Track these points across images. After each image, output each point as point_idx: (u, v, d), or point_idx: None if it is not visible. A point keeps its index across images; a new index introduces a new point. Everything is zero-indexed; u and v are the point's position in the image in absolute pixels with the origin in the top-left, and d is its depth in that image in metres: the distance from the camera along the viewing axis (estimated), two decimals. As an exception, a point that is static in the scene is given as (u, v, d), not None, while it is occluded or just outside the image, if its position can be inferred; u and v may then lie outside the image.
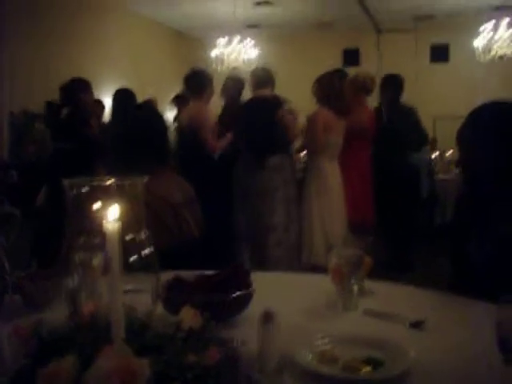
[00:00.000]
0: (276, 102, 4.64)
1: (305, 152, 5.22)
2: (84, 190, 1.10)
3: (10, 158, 8.27)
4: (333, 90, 4.54)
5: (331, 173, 4.58)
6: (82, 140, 4.74)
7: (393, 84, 5.70)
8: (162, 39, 12.42)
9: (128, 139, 2.34)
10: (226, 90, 5.50)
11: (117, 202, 0.99)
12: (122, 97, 5.20)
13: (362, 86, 5.02)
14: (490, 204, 1.85)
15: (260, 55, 10.57)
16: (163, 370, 0.90)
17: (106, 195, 1.06)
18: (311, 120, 4.62)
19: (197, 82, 4.91)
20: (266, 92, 4.73)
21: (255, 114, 4.59)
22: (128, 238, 1.09)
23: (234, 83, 5.52)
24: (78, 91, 4.78)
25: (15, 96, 8.32)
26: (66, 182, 1.09)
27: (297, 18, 11.77)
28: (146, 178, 1.11)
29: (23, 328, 1.03)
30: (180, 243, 2.18)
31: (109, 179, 1.09)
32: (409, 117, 5.78)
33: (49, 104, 5.94)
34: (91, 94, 4.95)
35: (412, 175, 6.06)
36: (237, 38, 10.59)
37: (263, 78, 4.78)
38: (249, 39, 10.72)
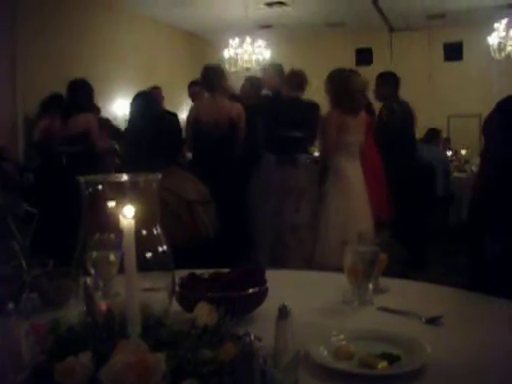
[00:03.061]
0: (309, 102, 4.70)
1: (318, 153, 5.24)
2: (99, 187, 1.10)
3: (25, 160, 8.34)
4: (344, 88, 4.53)
5: (352, 173, 4.54)
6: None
7: (392, 81, 5.75)
8: (174, 41, 12.46)
9: (143, 139, 2.36)
10: (243, 91, 5.53)
11: (132, 198, 0.99)
12: (142, 100, 5.23)
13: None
14: (508, 197, 1.84)
15: (273, 55, 10.58)
16: (179, 365, 0.91)
17: (121, 192, 1.06)
18: (324, 122, 4.61)
19: (214, 76, 4.83)
20: (297, 93, 4.78)
21: (288, 112, 4.62)
22: (143, 235, 1.10)
23: (250, 84, 5.55)
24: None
25: (28, 100, 8.39)
26: (81, 180, 1.10)
27: (309, 18, 11.76)
28: (159, 175, 1.12)
29: (41, 326, 1.03)
30: (195, 241, 2.19)
31: (123, 176, 1.10)
32: (411, 112, 5.83)
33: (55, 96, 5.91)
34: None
35: (426, 173, 6.05)
36: (249, 39, 10.60)
37: (296, 80, 4.81)
38: (260, 40, 10.73)
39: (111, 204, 1.08)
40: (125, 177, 1.10)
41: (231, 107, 4.68)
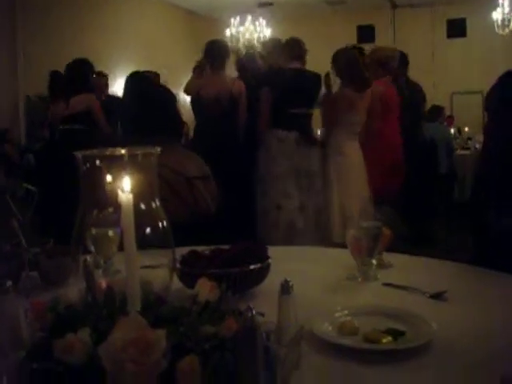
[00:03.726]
0: (314, 74, 4.63)
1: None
2: (97, 162, 1.08)
3: (27, 141, 8.33)
4: (353, 64, 4.47)
5: (352, 151, 4.52)
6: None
7: (403, 59, 5.72)
8: (175, 20, 12.35)
9: (142, 115, 2.34)
10: (238, 67, 5.46)
11: (130, 173, 0.97)
12: (137, 79, 5.20)
13: (385, 59, 4.97)
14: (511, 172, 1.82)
15: (274, 33, 10.48)
16: (179, 341, 0.89)
17: (119, 167, 1.04)
18: (337, 100, 4.53)
19: (218, 52, 4.74)
20: (299, 64, 4.69)
21: (295, 86, 4.52)
22: (142, 210, 1.07)
23: (245, 59, 5.49)
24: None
25: (30, 81, 8.36)
26: (78, 155, 1.07)
27: (310, -5, 11.64)
28: (158, 148, 1.10)
29: (40, 303, 1.02)
30: (196, 218, 2.18)
31: (121, 150, 1.08)
32: (420, 90, 5.86)
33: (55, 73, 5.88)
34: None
35: (429, 150, 6.05)
36: (250, 17, 10.52)
37: (297, 49, 4.71)
38: (261, 18, 10.65)
39: (109, 179, 1.05)
40: (122, 151, 1.08)
41: (232, 83, 4.64)
